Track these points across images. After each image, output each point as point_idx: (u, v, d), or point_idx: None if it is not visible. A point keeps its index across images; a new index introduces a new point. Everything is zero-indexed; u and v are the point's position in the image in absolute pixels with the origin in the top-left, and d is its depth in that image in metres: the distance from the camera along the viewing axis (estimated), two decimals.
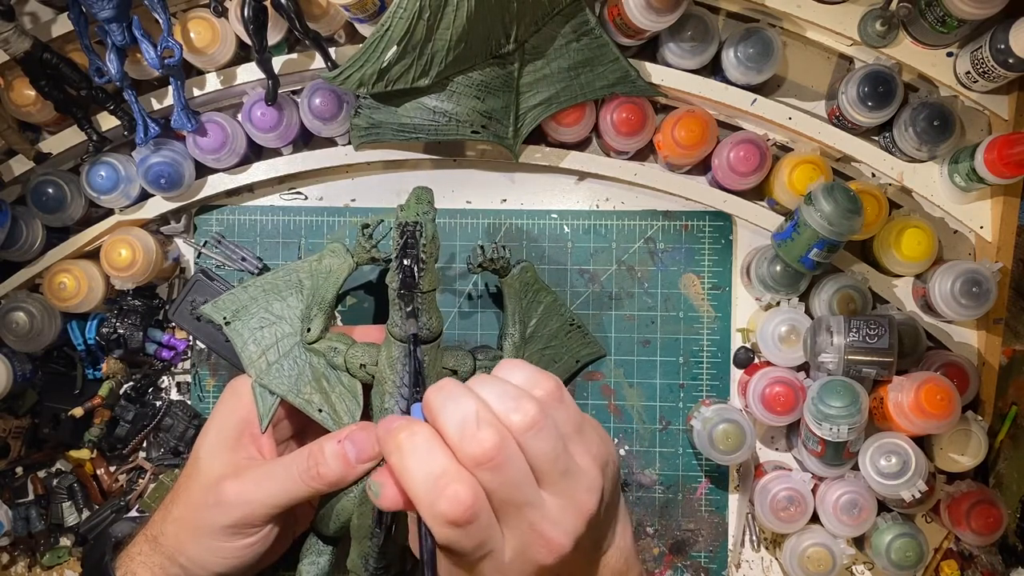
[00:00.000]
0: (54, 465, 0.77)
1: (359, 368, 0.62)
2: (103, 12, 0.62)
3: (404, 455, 0.41)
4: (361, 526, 0.59)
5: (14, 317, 0.71)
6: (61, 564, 0.77)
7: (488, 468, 0.40)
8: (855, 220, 0.64)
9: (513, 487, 0.41)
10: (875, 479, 0.67)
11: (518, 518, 0.41)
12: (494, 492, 0.40)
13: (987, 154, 0.64)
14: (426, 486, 0.40)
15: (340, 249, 0.66)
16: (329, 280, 0.65)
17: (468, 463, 0.40)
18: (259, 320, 0.64)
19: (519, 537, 0.42)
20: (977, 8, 0.62)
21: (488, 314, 0.76)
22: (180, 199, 0.74)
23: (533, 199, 0.77)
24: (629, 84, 0.69)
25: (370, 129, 0.70)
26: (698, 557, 0.76)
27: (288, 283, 0.65)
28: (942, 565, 0.74)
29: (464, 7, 0.60)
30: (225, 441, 0.60)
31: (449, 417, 0.41)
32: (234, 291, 0.65)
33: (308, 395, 0.63)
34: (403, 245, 0.57)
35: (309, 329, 0.64)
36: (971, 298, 0.68)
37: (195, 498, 0.58)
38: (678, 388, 0.76)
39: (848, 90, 0.68)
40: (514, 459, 0.41)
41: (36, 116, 0.70)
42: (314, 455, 0.57)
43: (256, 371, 0.63)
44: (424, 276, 0.57)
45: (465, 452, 0.40)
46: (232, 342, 0.64)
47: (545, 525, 0.42)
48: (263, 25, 0.65)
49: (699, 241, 0.76)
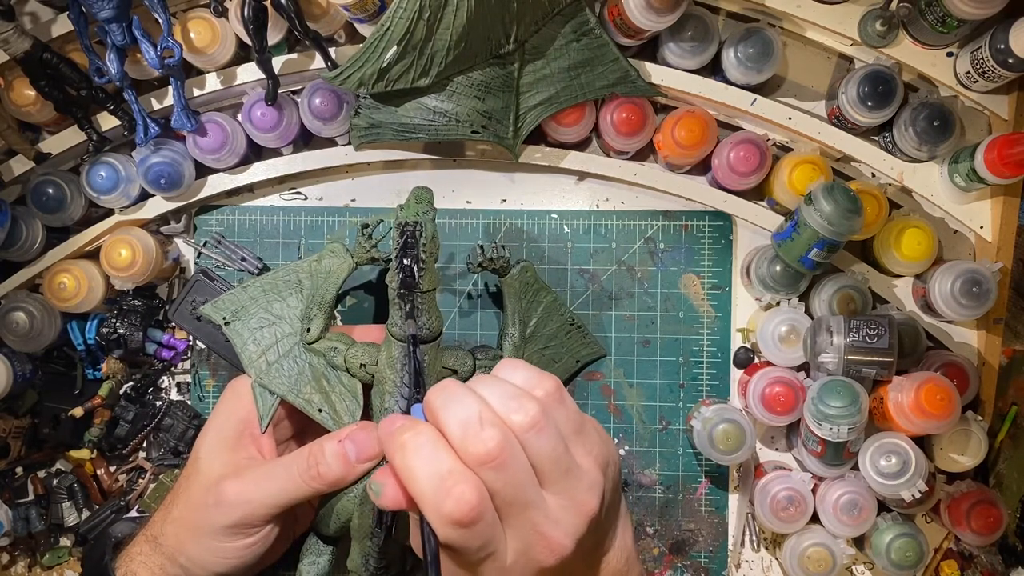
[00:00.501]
0: (54, 465, 0.77)
1: (359, 368, 0.62)
2: (103, 12, 0.62)
3: (408, 455, 0.41)
4: (362, 526, 0.59)
5: (14, 317, 0.71)
6: (61, 564, 0.77)
7: (492, 467, 0.40)
8: (855, 220, 0.64)
9: (516, 487, 0.41)
10: (875, 479, 0.67)
11: (520, 519, 0.41)
12: (497, 492, 0.40)
13: (987, 154, 0.64)
14: (432, 486, 0.40)
15: (340, 249, 0.66)
16: (329, 280, 0.65)
17: (472, 463, 0.40)
18: (259, 320, 0.64)
19: (521, 538, 0.42)
20: (977, 8, 0.62)
21: (488, 314, 0.76)
22: (180, 199, 0.74)
23: (533, 199, 0.77)
24: (629, 84, 0.69)
25: (370, 129, 0.70)
26: (698, 557, 0.76)
27: (288, 283, 0.65)
28: (942, 565, 0.74)
29: (464, 7, 0.60)
30: (225, 441, 0.60)
31: (452, 417, 0.41)
32: (233, 291, 0.65)
33: (308, 395, 0.63)
34: (403, 245, 0.57)
35: (309, 329, 0.64)
36: (971, 298, 0.68)
37: (195, 498, 0.58)
38: (678, 388, 0.76)
39: (848, 90, 0.68)
40: (517, 459, 0.41)
41: (36, 116, 0.70)
42: (314, 455, 0.57)
43: (256, 371, 0.63)
44: (424, 275, 0.57)
45: (469, 452, 0.40)
46: (232, 342, 0.64)
47: (547, 526, 0.42)
48: (263, 25, 0.65)
49: (699, 241, 0.76)
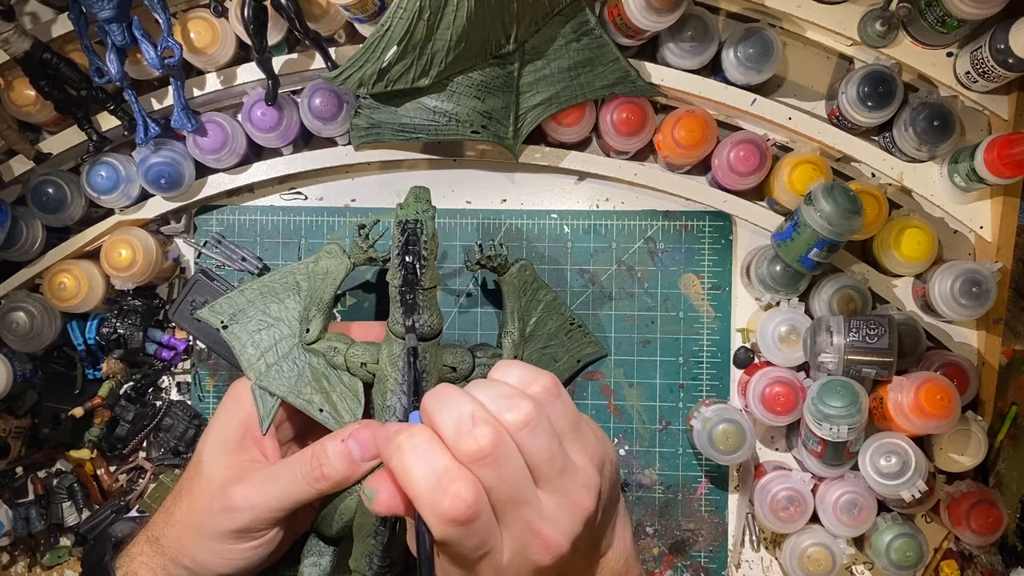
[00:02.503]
0: (54, 465, 0.77)
1: (359, 367, 0.62)
2: (103, 12, 0.62)
3: (404, 455, 0.41)
4: (364, 525, 0.59)
5: (14, 317, 0.71)
6: (61, 564, 0.77)
7: (486, 464, 0.40)
8: (855, 220, 0.64)
9: (511, 485, 0.41)
10: (875, 479, 0.67)
11: (516, 517, 0.41)
12: (492, 490, 0.40)
13: (987, 154, 0.64)
14: (428, 484, 0.40)
15: (337, 250, 0.66)
16: (326, 281, 0.65)
17: (466, 460, 0.40)
18: (257, 323, 0.64)
19: (517, 537, 0.42)
20: (977, 8, 0.62)
21: (488, 313, 0.76)
22: (180, 199, 0.74)
23: (533, 199, 0.77)
24: (629, 84, 0.69)
25: (370, 129, 0.70)
26: (698, 557, 0.76)
27: (285, 285, 0.65)
28: (942, 565, 0.74)
29: (464, 7, 0.60)
30: (227, 444, 0.60)
31: (446, 417, 0.41)
32: (231, 295, 0.65)
33: (308, 396, 0.63)
34: (404, 242, 0.58)
35: (308, 330, 0.64)
36: (971, 298, 0.68)
37: (199, 502, 0.58)
38: (678, 388, 0.76)
39: (848, 90, 0.68)
40: (511, 456, 0.41)
41: (36, 116, 0.70)
42: (317, 455, 0.57)
43: (255, 374, 0.63)
44: (425, 273, 0.58)
45: (462, 449, 0.40)
46: (231, 346, 0.64)
47: (542, 524, 0.42)
48: (263, 25, 0.65)
49: (699, 241, 0.76)
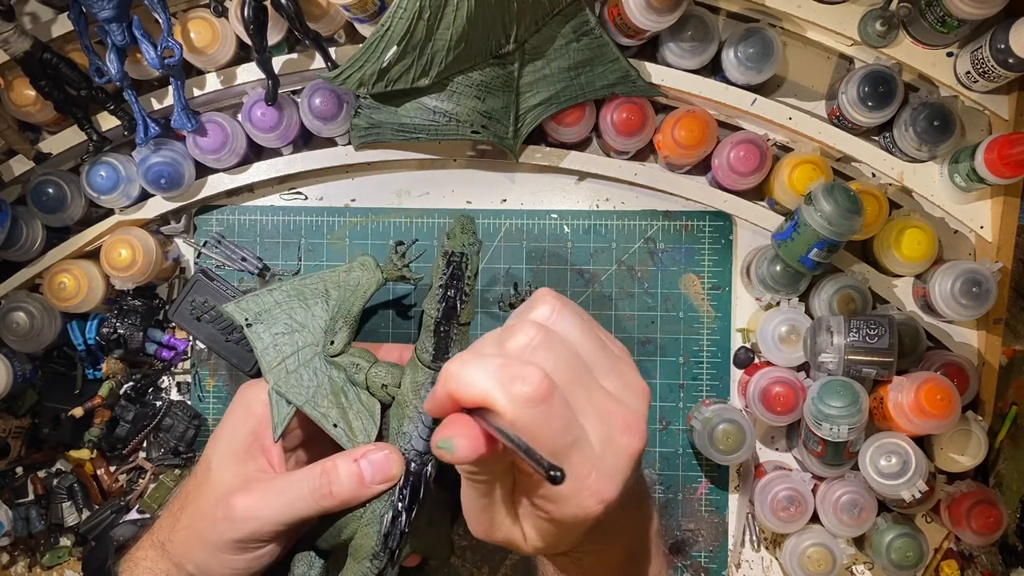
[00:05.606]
0: (54, 465, 0.77)
1: (380, 388, 0.61)
2: (103, 12, 0.62)
3: (463, 371, 0.39)
4: (363, 546, 0.58)
5: (14, 317, 0.71)
6: (61, 564, 0.77)
7: (540, 348, 0.39)
8: (855, 220, 0.64)
9: (570, 366, 0.40)
10: (875, 479, 0.67)
11: (587, 401, 0.41)
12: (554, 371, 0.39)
13: (987, 154, 0.64)
14: (496, 379, 0.38)
15: (371, 263, 0.64)
16: (356, 293, 0.63)
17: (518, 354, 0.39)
18: (282, 326, 0.62)
19: (598, 419, 0.41)
20: (977, 8, 0.62)
21: (488, 314, 0.76)
22: (180, 199, 0.74)
23: (533, 199, 0.77)
24: (629, 84, 0.69)
25: (370, 129, 0.70)
26: (698, 557, 0.76)
27: (315, 291, 0.64)
28: (942, 565, 0.74)
29: (464, 7, 0.60)
30: (235, 452, 0.60)
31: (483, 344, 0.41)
32: (259, 293, 0.63)
33: (325, 408, 0.61)
34: (449, 276, 0.58)
35: (333, 342, 0.62)
36: (971, 298, 0.68)
37: (204, 509, 0.58)
38: (678, 388, 0.76)
39: (848, 90, 0.68)
40: (562, 342, 0.41)
41: (36, 116, 0.70)
42: (327, 473, 0.57)
43: (274, 378, 0.61)
44: (464, 308, 0.58)
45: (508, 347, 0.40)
46: (252, 345, 0.62)
47: (615, 405, 0.41)
48: (263, 25, 0.65)
49: (699, 241, 0.76)
